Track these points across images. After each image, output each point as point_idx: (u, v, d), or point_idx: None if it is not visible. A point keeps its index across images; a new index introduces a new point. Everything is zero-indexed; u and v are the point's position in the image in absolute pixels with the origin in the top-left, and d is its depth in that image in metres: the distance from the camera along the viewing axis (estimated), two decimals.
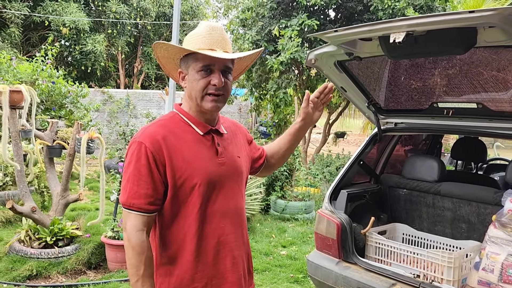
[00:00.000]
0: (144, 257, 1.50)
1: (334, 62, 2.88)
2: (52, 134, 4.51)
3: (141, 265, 1.50)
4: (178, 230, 1.56)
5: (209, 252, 1.57)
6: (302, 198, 6.61)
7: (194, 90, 1.54)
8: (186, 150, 1.54)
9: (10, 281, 3.76)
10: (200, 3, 18.88)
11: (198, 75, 1.53)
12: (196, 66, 1.53)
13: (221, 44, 1.54)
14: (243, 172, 1.70)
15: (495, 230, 2.48)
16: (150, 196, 1.50)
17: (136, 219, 1.51)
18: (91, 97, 11.32)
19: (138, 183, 1.50)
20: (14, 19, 14.53)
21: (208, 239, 1.57)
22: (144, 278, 1.50)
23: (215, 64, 1.53)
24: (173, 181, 1.51)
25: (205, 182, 1.53)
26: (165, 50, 1.59)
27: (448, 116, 3.03)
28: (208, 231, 1.57)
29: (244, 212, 1.71)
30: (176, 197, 1.53)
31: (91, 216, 5.09)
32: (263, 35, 8.48)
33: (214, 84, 1.52)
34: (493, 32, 2.14)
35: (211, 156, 1.58)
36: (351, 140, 17.33)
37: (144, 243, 1.50)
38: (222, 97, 1.56)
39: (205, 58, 1.51)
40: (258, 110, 10.71)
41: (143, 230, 1.51)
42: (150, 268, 1.53)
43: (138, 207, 1.50)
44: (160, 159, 1.50)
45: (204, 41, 1.53)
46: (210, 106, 1.54)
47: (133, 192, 1.50)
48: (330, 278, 2.91)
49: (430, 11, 7.82)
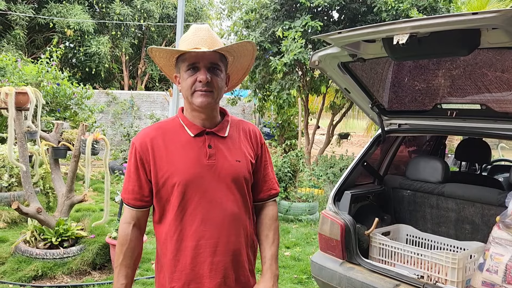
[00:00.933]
0: (125, 248, 1.63)
1: (337, 64, 2.89)
2: (57, 135, 4.54)
3: (121, 254, 1.63)
4: (163, 227, 1.64)
5: (187, 255, 1.60)
6: (306, 199, 6.61)
7: (184, 89, 1.61)
8: (173, 151, 1.60)
9: (16, 282, 3.78)
10: (204, 5, 18.93)
11: (186, 75, 1.59)
12: (183, 66, 1.60)
13: (207, 43, 1.58)
14: (240, 177, 1.65)
15: (499, 231, 2.48)
16: (136, 192, 1.64)
17: (127, 212, 1.66)
18: (96, 98, 11.37)
19: (128, 180, 1.66)
20: (19, 21, 14.63)
21: (187, 241, 1.60)
22: (121, 267, 1.63)
23: (200, 61, 1.57)
24: (155, 180, 1.61)
25: (183, 182, 1.57)
26: (159, 55, 1.65)
27: (452, 117, 3.03)
28: (188, 233, 1.59)
29: (238, 218, 1.64)
30: (159, 196, 1.63)
31: (96, 217, 5.11)
32: (267, 37, 8.49)
33: (199, 80, 1.56)
34: (496, 34, 2.15)
35: (199, 157, 1.60)
36: (355, 141, 17.30)
37: (127, 235, 1.63)
38: (210, 93, 1.58)
39: (190, 57, 1.58)
40: (261, 111, 10.71)
41: (129, 223, 1.65)
42: (130, 259, 1.64)
43: (127, 202, 1.66)
44: (146, 159, 1.61)
45: (190, 42, 1.59)
46: (199, 101, 1.58)
47: (124, 188, 1.67)
48: (334, 279, 2.91)
49: (434, 12, 7.80)
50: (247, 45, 1.65)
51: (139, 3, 16.16)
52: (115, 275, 1.64)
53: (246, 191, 1.69)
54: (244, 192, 1.68)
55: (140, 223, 1.67)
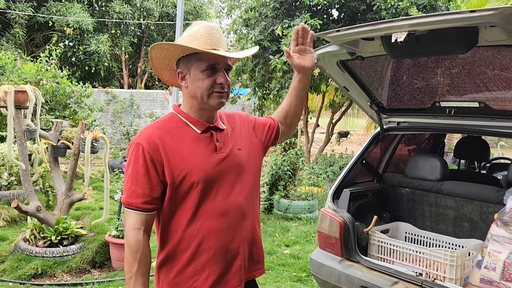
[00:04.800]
0: (139, 255, 1.54)
1: (336, 62, 2.89)
2: (56, 134, 4.54)
3: (135, 262, 1.54)
4: (177, 227, 1.60)
5: (209, 249, 1.60)
6: (306, 197, 6.62)
7: (199, 89, 1.57)
8: (184, 149, 1.58)
9: (15, 280, 3.79)
10: (203, 3, 18.89)
11: (203, 75, 1.56)
12: (200, 65, 1.57)
13: (222, 44, 1.60)
14: (245, 164, 1.69)
15: (497, 228, 2.49)
16: (147, 195, 1.55)
17: (134, 217, 1.56)
18: (95, 97, 11.36)
19: (136, 183, 1.56)
20: (18, 19, 14.61)
21: (207, 235, 1.60)
22: (137, 276, 1.54)
23: (219, 63, 1.57)
24: (171, 180, 1.55)
25: (203, 179, 1.57)
26: (166, 51, 1.62)
27: (451, 115, 3.04)
28: (208, 228, 1.59)
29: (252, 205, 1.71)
30: (175, 195, 1.58)
31: (95, 215, 5.11)
32: (266, 35, 8.49)
33: (220, 82, 1.57)
34: (494, 32, 2.15)
35: (210, 152, 1.61)
36: (354, 139, 17.30)
37: (139, 242, 1.55)
38: (226, 94, 1.61)
39: (209, 57, 1.55)
40: (261, 109, 10.72)
41: (139, 228, 1.56)
42: (145, 266, 1.57)
43: (136, 206, 1.56)
44: (158, 159, 1.55)
45: (207, 41, 1.57)
46: (217, 102, 1.59)
47: (131, 192, 1.56)
48: (333, 276, 2.92)
49: (434, 11, 7.80)
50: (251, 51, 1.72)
51: (139, 2, 16.14)
52: (131, 285, 1.55)
53: (254, 177, 1.74)
54: (252, 177, 1.72)
55: (149, 227, 1.59)
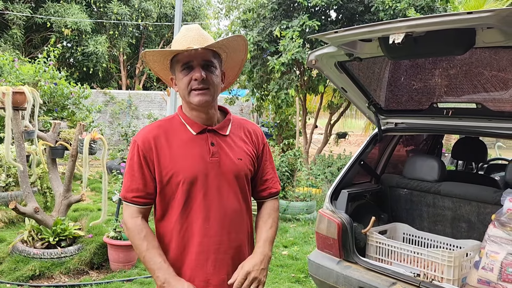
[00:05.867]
0: (143, 234, 1.61)
1: (334, 63, 2.90)
2: (54, 135, 4.54)
3: (143, 242, 1.60)
4: (167, 225, 1.64)
5: (192, 252, 1.62)
6: (304, 198, 6.62)
7: (180, 89, 1.63)
8: (175, 149, 1.61)
9: (13, 281, 3.78)
10: (202, 4, 18.92)
11: (182, 74, 1.61)
12: (178, 67, 1.61)
13: (198, 42, 1.59)
14: (242, 175, 1.68)
15: (494, 229, 2.49)
16: (140, 190, 1.62)
17: (131, 209, 1.64)
18: (93, 98, 11.36)
19: (131, 179, 1.63)
20: (16, 20, 14.60)
21: (192, 238, 1.62)
22: (149, 251, 1.59)
23: (193, 60, 1.59)
24: (160, 178, 1.61)
25: (188, 180, 1.59)
26: (153, 59, 1.66)
27: (448, 116, 3.05)
28: (193, 231, 1.61)
29: (240, 215, 1.68)
30: (163, 194, 1.63)
31: (93, 216, 5.10)
32: (264, 36, 8.50)
33: (195, 78, 1.58)
34: (491, 33, 2.16)
35: (202, 155, 1.62)
36: (352, 140, 17.32)
37: (139, 225, 1.62)
38: (207, 91, 1.60)
39: (183, 57, 1.59)
40: (259, 110, 10.74)
41: (137, 216, 1.63)
42: (154, 241, 1.62)
43: (131, 200, 1.63)
44: (150, 158, 1.61)
45: (181, 43, 1.60)
46: (197, 100, 1.59)
47: (126, 187, 1.65)
48: (331, 277, 2.93)
49: (431, 12, 7.83)
50: (237, 39, 1.66)
51: (137, 3, 16.15)
52: (148, 261, 1.57)
53: (247, 189, 1.72)
54: (246, 190, 1.71)
55: (146, 216, 1.67)
